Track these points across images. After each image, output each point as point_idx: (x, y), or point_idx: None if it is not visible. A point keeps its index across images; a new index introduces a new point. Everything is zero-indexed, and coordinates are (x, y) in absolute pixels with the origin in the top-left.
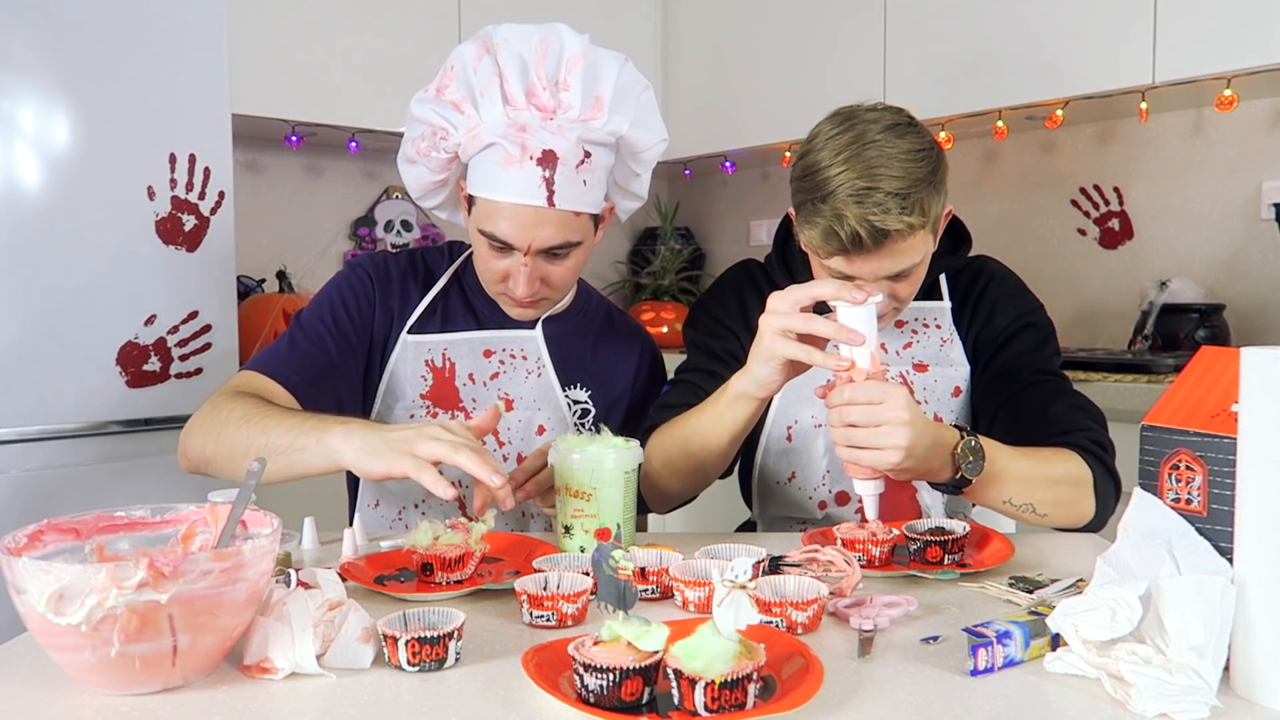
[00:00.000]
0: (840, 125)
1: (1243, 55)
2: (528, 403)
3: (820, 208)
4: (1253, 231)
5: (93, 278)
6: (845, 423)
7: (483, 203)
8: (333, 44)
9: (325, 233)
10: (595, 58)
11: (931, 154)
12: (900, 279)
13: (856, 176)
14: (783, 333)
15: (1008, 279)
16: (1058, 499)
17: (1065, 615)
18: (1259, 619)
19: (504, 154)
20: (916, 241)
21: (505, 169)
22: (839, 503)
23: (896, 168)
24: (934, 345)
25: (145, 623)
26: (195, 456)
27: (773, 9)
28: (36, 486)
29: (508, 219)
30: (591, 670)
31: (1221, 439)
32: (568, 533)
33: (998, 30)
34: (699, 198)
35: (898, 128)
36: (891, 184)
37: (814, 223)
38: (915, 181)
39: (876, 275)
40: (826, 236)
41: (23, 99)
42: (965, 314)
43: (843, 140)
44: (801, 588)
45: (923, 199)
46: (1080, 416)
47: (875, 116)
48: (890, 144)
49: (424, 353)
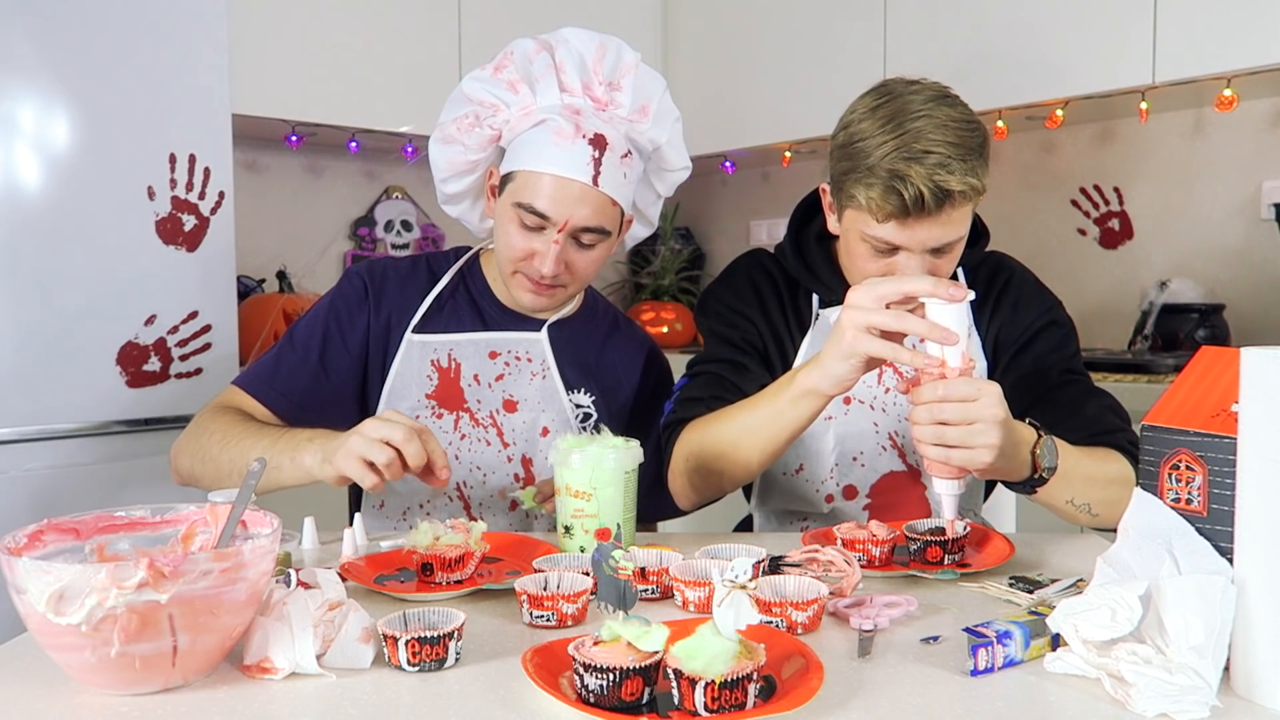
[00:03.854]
0: (881, 98)
1: (1243, 55)
2: (532, 404)
3: (875, 169)
4: (1253, 231)
5: (93, 278)
6: (937, 420)
7: (524, 176)
8: (333, 44)
9: (325, 233)
10: (646, 73)
11: (979, 126)
12: (942, 253)
13: (911, 140)
14: (867, 329)
15: (1026, 276)
16: (1109, 499)
17: (1065, 615)
18: (1259, 619)
19: (557, 129)
20: (967, 211)
21: (557, 143)
22: (846, 496)
23: (951, 133)
24: None
25: (145, 623)
26: (184, 473)
27: (773, 9)
28: (36, 486)
29: (550, 191)
30: (591, 670)
31: (1221, 439)
32: (568, 533)
33: (998, 30)
34: (699, 198)
35: (945, 99)
36: (947, 148)
37: (871, 184)
38: (969, 150)
39: (925, 245)
40: (887, 194)
41: (23, 99)
42: (985, 311)
43: (887, 111)
44: (801, 588)
45: (979, 166)
46: (1113, 417)
47: (919, 88)
48: (939, 111)
49: (429, 352)
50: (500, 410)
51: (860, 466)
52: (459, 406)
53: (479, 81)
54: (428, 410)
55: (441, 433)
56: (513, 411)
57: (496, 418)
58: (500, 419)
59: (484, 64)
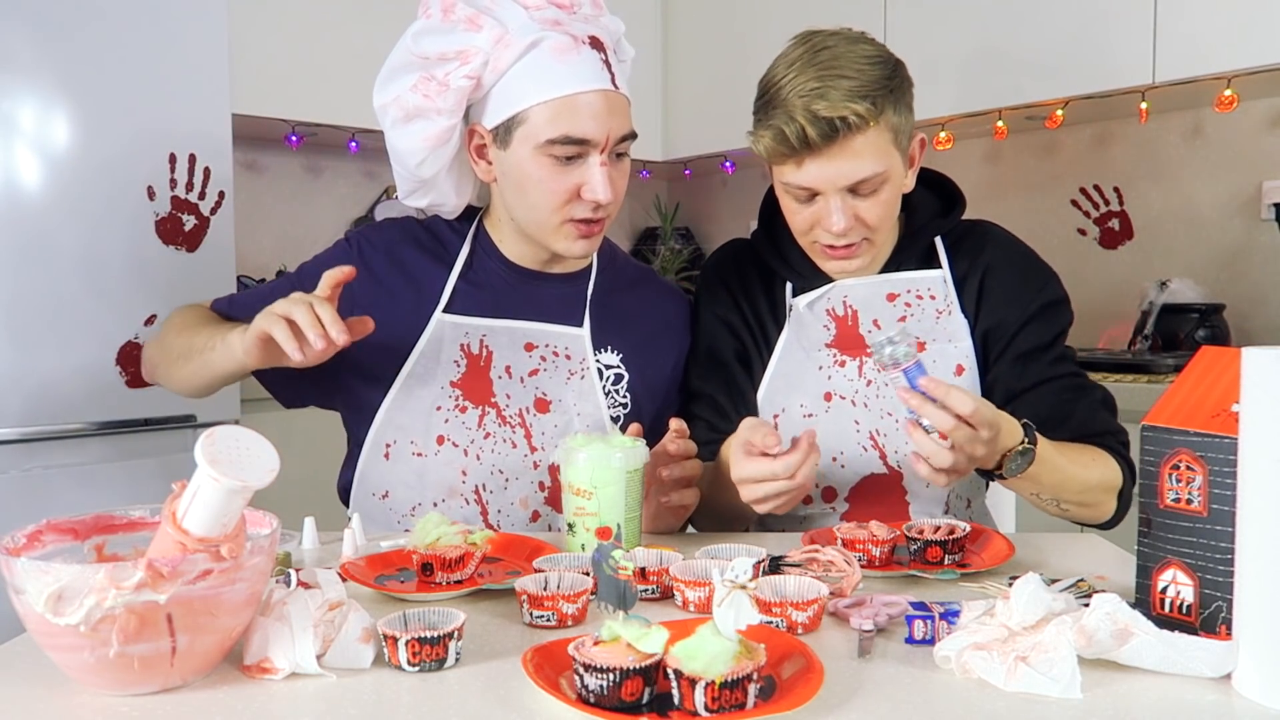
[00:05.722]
0: (798, 42)
1: (1243, 55)
2: (566, 406)
3: (773, 113)
4: (1253, 231)
5: (93, 278)
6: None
7: (543, 109)
8: (333, 44)
9: (325, 233)
10: None
11: (889, 61)
12: (861, 193)
13: (808, 80)
14: None
15: (1014, 250)
16: (1085, 501)
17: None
18: (1259, 619)
19: (555, 45)
20: (872, 142)
21: (562, 59)
22: (825, 499)
23: (849, 68)
24: (929, 318)
25: (144, 623)
26: (147, 363)
27: (773, 9)
28: (36, 486)
29: (586, 111)
30: (592, 670)
31: (1222, 439)
32: (571, 530)
33: (998, 30)
34: (699, 198)
35: (855, 39)
36: (842, 82)
37: (766, 128)
38: (868, 81)
39: (835, 184)
40: (777, 139)
41: (23, 99)
42: (971, 288)
43: (797, 52)
44: (802, 588)
45: (876, 96)
46: (1105, 416)
47: (835, 30)
48: (845, 48)
49: (461, 335)
50: (531, 409)
51: (840, 468)
52: (485, 400)
53: (430, 35)
54: (450, 400)
55: (464, 429)
56: (544, 412)
57: (526, 417)
58: (530, 419)
59: (418, 18)
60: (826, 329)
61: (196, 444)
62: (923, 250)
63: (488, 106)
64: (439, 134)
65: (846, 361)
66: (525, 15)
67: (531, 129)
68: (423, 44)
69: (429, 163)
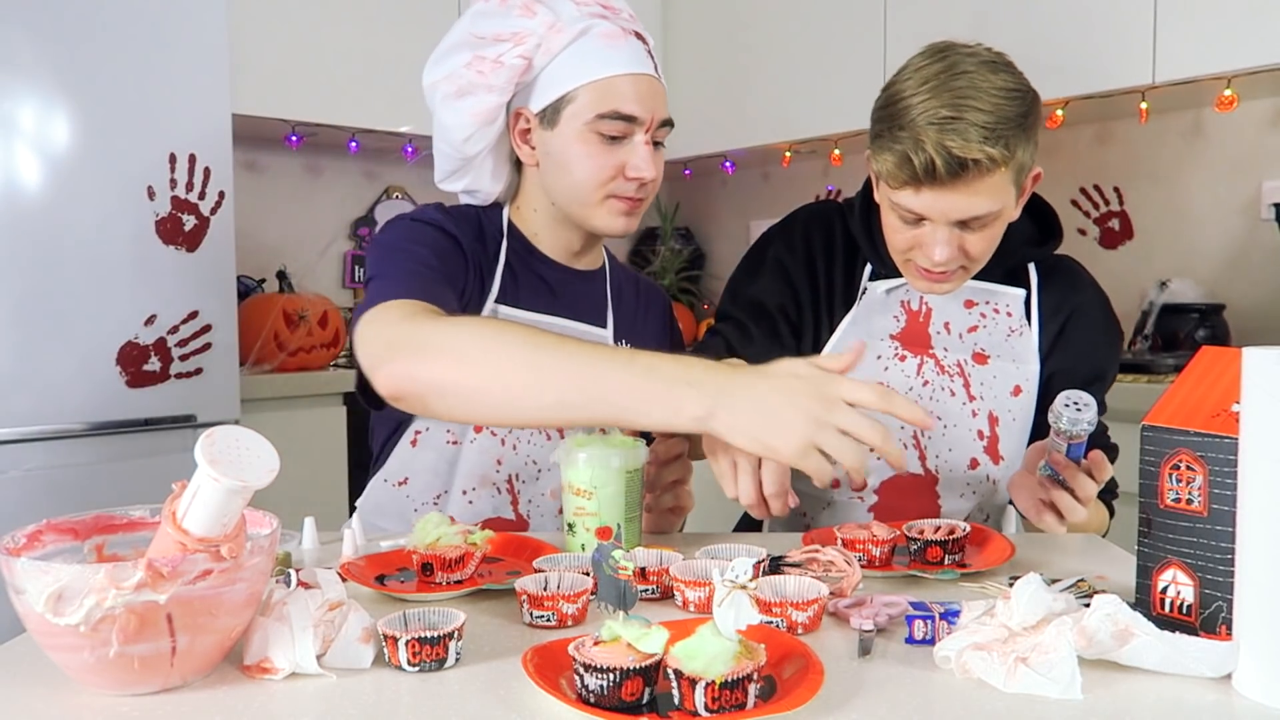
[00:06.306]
0: (931, 57)
1: (1243, 55)
2: None
3: (898, 134)
4: (1253, 231)
5: (93, 278)
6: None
7: (593, 88)
8: (333, 44)
9: (325, 233)
10: None
11: (1027, 95)
12: (971, 228)
13: (941, 105)
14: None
15: (1101, 300)
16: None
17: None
18: (1260, 619)
19: (605, 31)
20: (996, 183)
21: (613, 45)
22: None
23: (985, 101)
24: (1000, 334)
25: (144, 623)
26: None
27: (773, 9)
28: (36, 486)
29: (632, 91)
30: (592, 670)
31: (1222, 439)
32: (571, 530)
33: (998, 30)
34: (699, 198)
35: (994, 64)
36: (978, 115)
37: (889, 149)
38: (1004, 118)
39: (948, 216)
40: (900, 163)
41: (23, 99)
42: (1054, 324)
43: (931, 70)
44: (802, 588)
45: (1009, 137)
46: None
47: (971, 51)
48: (983, 78)
49: None
50: None
51: (876, 459)
52: None
53: (488, 17)
54: None
55: None
56: None
57: None
58: None
59: (476, 2)
60: (896, 319)
61: (196, 444)
62: (1010, 267)
63: (535, 90)
64: (487, 111)
65: (907, 357)
66: (575, 9)
67: (580, 107)
68: (479, 24)
69: (475, 139)
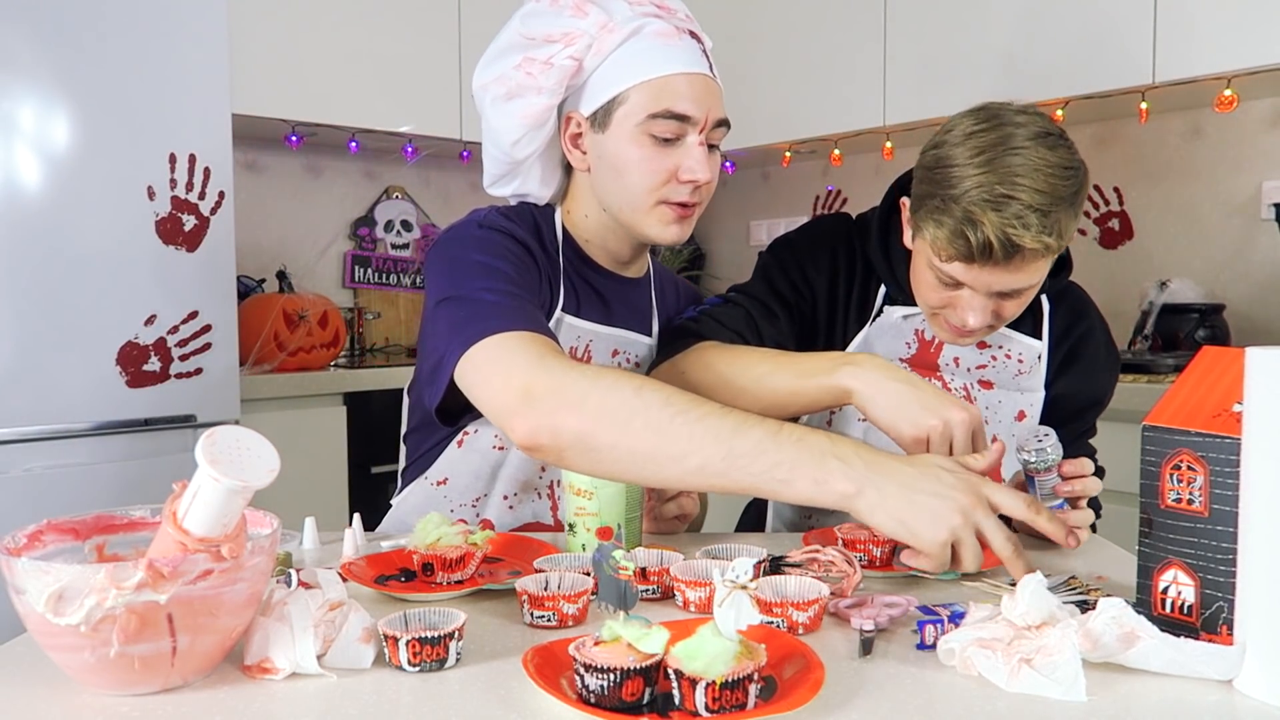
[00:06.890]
0: (983, 122)
1: (1243, 55)
2: None
3: (950, 206)
4: (1253, 231)
5: (93, 278)
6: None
7: (646, 88)
8: (333, 44)
9: (325, 233)
10: None
11: (1079, 173)
12: (1009, 297)
13: (997, 181)
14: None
15: (1102, 325)
16: None
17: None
18: (1262, 619)
19: (658, 30)
20: (1043, 265)
21: (667, 44)
22: None
23: (1041, 180)
24: (1008, 373)
25: (144, 623)
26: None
27: (773, 10)
28: (36, 486)
29: (688, 90)
30: (592, 670)
31: (1223, 439)
32: (571, 530)
33: (997, 30)
34: None
35: (1048, 138)
36: (1033, 196)
37: (942, 221)
38: (1058, 200)
39: (990, 289)
40: (954, 238)
41: (23, 99)
42: (1063, 349)
43: (985, 140)
44: (802, 588)
45: (1062, 220)
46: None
47: (1025, 121)
48: (1038, 154)
49: (573, 338)
50: None
51: None
52: None
53: (538, 17)
54: None
55: None
56: None
57: None
58: None
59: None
60: (908, 345)
61: (197, 444)
62: (1030, 309)
63: (586, 92)
64: (538, 114)
65: None
66: (628, 8)
67: (632, 108)
68: (530, 25)
69: (524, 142)
